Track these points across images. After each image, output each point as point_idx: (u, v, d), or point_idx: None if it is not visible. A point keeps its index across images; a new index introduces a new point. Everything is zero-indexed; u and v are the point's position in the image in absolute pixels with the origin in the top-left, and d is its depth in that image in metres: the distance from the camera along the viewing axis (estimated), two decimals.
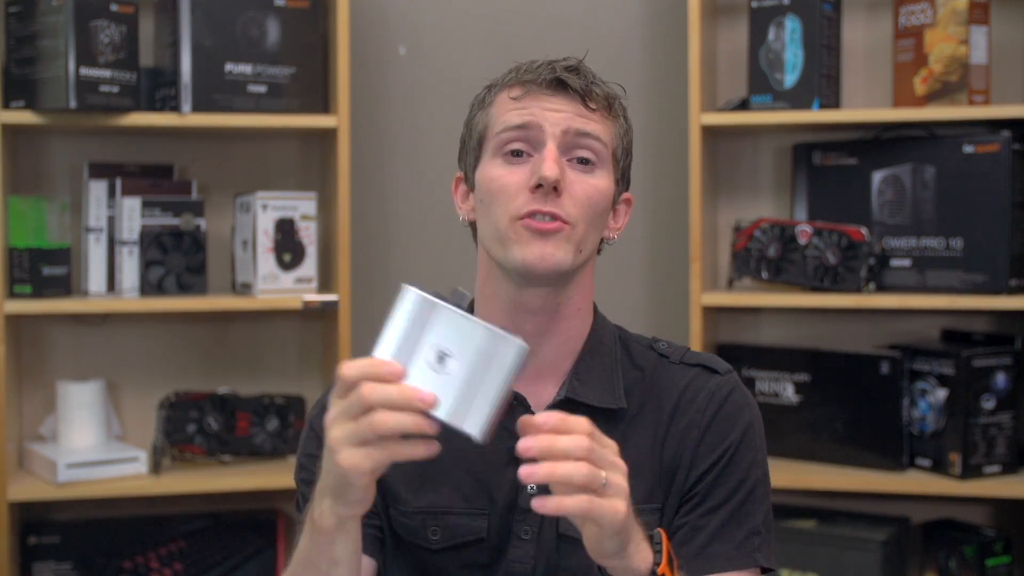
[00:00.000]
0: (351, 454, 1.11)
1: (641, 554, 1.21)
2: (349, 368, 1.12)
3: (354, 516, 1.20)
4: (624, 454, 1.18)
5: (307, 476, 1.42)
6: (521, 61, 1.43)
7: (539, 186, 1.34)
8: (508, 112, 1.39)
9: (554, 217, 1.34)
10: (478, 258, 1.45)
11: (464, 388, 1.11)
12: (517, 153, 1.37)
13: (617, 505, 1.14)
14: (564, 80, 1.38)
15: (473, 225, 1.46)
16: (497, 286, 1.41)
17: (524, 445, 1.11)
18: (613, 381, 1.43)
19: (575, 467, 1.11)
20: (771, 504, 1.44)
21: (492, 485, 1.40)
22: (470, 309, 1.45)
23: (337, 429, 1.13)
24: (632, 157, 1.47)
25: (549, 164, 1.33)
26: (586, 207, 1.37)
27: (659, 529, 1.27)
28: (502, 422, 1.15)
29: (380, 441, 1.10)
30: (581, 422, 1.14)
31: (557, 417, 1.13)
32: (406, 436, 1.11)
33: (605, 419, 1.39)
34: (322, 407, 1.45)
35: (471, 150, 1.44)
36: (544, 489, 1.25)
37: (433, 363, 1.12)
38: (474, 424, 1.11)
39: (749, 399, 1.45)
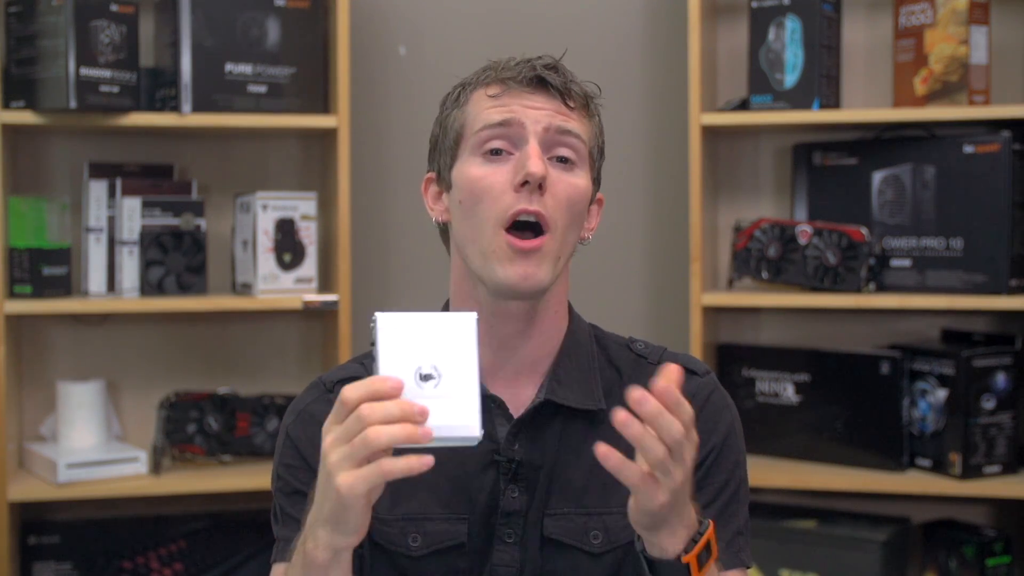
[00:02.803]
0: (347, 475, 1.11)
1: (675, 539, 1.20)
2: (351, 391, 1.12)
3: (349, 547, 1.18)
4: None
5: (283, 486, 1.40)
6: (494, 60, 1.41)
7: (524, 183, 1.32)
8: (487, 110, 1.36)
9: (538, 219, 1.32)
10: (451, 260, 1.43)
11: (448, 397, 1.14)
12: (496, 152, 1.35)
13: (658, 496, 1.15)
14: (544, 78, 1.36)
15: (445, 226, 1.44)
16: (473, 290, 1.39)
17: (642, 403, 1.12)
18: (591, 382, 1.42)
19: (658, 449, 1.12)
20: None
21: (471, 489, 1.38)
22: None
23: (334, 453, 1.12)
24: (604, 158, 1.45)
25: (535, 161, 1.31)
26: (567, 208, 1.35)
27: (710, 521, 1.25)
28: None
29: (375, 459, 1.10)
30: (687, 411, 1.13)
31: (676, 395, 1.13)
32: (399, 452, 1.11)
33: (584, 421, 1.40)
34: (297, 413, 1.43)
35: (446, 149, 1.41)
36: (520, 490, 1.31)
37: (419, 381, 1.14)
38: (469, 427, 1.14)
39: (728, 400, 1.45)
